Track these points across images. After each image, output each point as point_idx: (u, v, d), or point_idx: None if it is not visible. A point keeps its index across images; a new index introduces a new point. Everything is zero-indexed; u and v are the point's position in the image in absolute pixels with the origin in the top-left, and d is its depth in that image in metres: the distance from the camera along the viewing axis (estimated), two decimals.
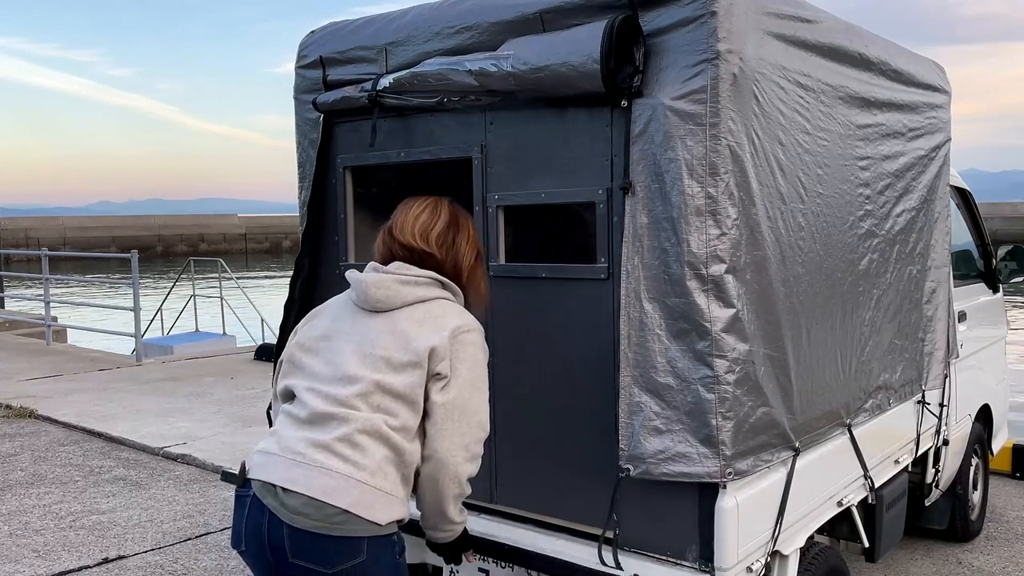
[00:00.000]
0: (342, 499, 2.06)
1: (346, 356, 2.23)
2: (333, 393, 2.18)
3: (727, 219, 2.36)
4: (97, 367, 10.56)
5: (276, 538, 2.09)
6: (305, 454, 2.12)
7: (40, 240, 41.35)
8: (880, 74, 3.23)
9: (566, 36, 2.48)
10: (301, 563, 2.07)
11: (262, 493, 2.13)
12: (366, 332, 2.25)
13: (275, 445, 2.19)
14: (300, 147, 3.34)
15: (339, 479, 2.08)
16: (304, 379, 2.27)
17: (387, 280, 2.28)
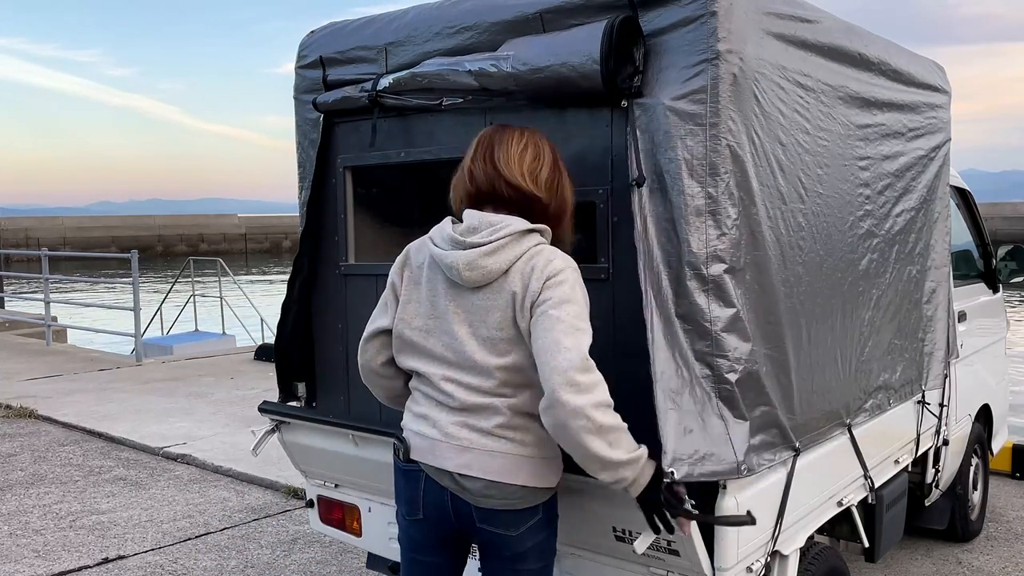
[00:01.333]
0: (518, 476, 2.25)
1: (464, 340, 2.27)
2: (475, 384, 2.26)
3: (727, 219, 2.36)
4: (97, 367, 10.56)
5: (462, 510, 2.30)
6: (471, 440, 2.26)
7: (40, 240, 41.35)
8: (880, 74, 3.23)
9: (566, 36, 2.48)
10: (488, 528, 2.30)
11: (437, 476, 2.31)
12: (475, 313, 2.26)
13: (434, 430, 2.31)
14: (300, 147, 3.34)
15: (511, 459, 2.25)
16: (433, 366, 2.33)
17: (476, 259, 2.22)
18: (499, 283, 2.24)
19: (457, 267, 2.24)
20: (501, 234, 2.23)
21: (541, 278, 2.19)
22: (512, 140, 2.32)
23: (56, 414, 8.04)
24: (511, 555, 2.32)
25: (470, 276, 2.23)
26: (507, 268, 2.23)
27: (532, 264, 2.22)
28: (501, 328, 2.23)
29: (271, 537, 5.07)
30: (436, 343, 2.32)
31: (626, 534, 2.52)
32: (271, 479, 6.04)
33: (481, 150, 2.33)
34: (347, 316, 3.26)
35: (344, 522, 3.39)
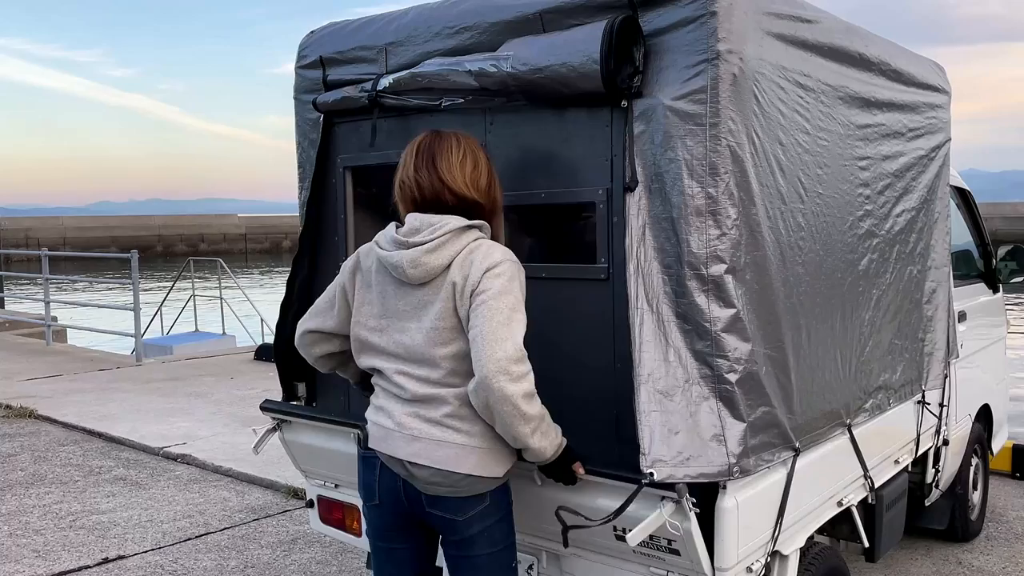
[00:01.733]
0: (463, 465, 2.36)
1: (412, 334, 2.41)
2: (424, 375, 2.39)
3: (727, 219, 2.36)
4: (97, 367, 10.56)
5: (412, 495, 2.44)
6: (421, 430, 2.39)
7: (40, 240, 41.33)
8: (880, 74, 3.23)
9: (566, 36, 2.48)
10: (436, 512, 2.42)
11: (390, 463, 2.45)
12: (421, 306, 2.40)
13: (389, 420, 2.45)
14: (300, 147, 3.34)
15: (457, 449, 2.36)
16: (387, 361, 2.47)
17: (419, 257, 2.35)
18: (441, 277, 2.37)
19: (401, 265, 2.37)
20: (441, 232, 2.36)
21: (480, 268, 2.32)
22: (452, 149, 2.43)
23: (56, 414, 8.04)
24: (459, 540, 2.45)
25: (414, 273, 2.36)
26: (448, 263, 2.36)
27: (472, 258, 2.35)
28: (442, 318, 2.35)
29: (271, 537, 5.07)
30: (388, 340, 2.46)
31: (626, 533, 2.52)
32: (271, 479, 6.04)
33: (423, 159, 2.43)
34: None
35: (344, 522, 3.39)
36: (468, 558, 2.46)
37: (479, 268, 2.31)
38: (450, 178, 2.40)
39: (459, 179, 2.40)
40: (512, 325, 2.27)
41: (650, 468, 2.29)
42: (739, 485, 2.45)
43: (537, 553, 2.85)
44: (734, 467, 2.35)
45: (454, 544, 2.48)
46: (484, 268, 2.31)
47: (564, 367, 2.68)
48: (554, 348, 2.70)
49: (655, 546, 2.46)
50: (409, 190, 2.44)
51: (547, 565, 2.85)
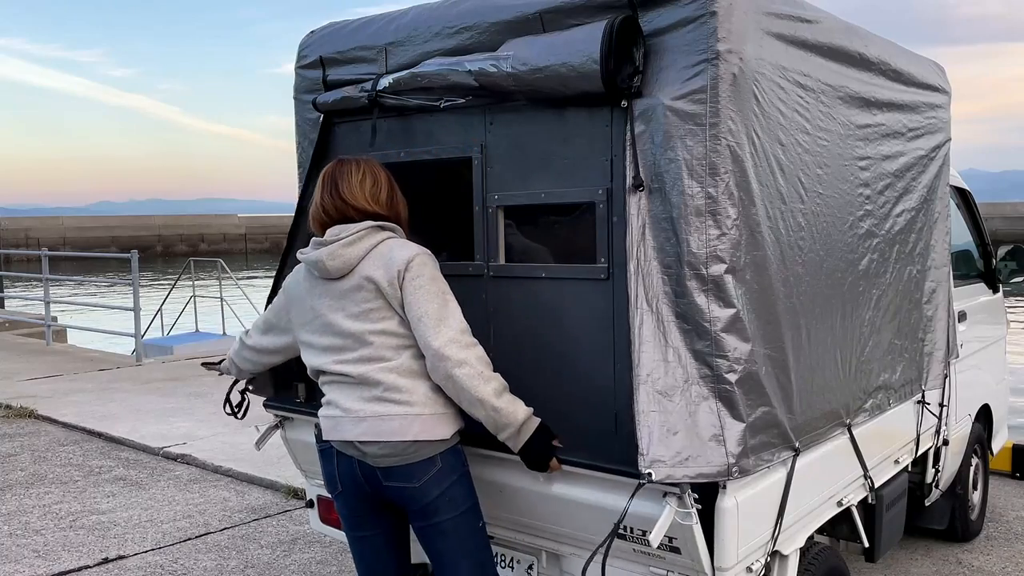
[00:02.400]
0: (408, 433, 2.52)
1: (339, 322, 2.60)
2: (358, 356, 2.56)
3: (727, 219, 2.36)
4: (97, 367, 10.56)
5: (368, 473, 2.59)
6: (364, 409, 2.55)
7: (40, 240, 41.33)
8: (880, 74, 3.23)
9: (566, 36, 2.48)
10: (393, 484, 2.57)
11: (343, 447, 2.61)
12: (343, 296, 2.60)
13: (337, 410, 2.61)
14: (300, 147, 3.34)
15: (399, 420, 2.52)
16: (325, 356, 2.64)
17: (336, 250, 2.57)
18: (359, 269, 2.57)
19: (321, 259, 2.58)
20: (356, 229, 2.60)
21: (402, 258, 2.54)
22: (351, 172, 2.67)
23: (56, 414, 8.04)
24: (420, 509, 2.58)
25: (332, 265, 2.57)
26: (363, 256, 2.58)
27: (388, 250, 2.58)
28: (367, 301, 2.55)
29: (271, 537, 5.07)
30: (322, 338, 2.64)
31: (628, 531, 2.52)
32: (271, 479, 6.04)
33: (327, 186, 2.67)
34: None
35: None
36: (434, 525, 2.58)
37: (400, 258, 2.54)
38: (350, 196, 2.63)
39: (359, 196, 2.64)
40: (449, 306, 2.54)
41: (648, 468, 2.29)
42: (739, 485, 2.45)
43: (537, 553, 2.86)
44: (733, 467, 2.35)
45: (418, 515, 2.60)
46: (405, 259, 2.54)
47: (564, 367, 2.68)
48: (554, 348, 2.70)
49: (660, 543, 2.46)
50: (319, 216, 2.68)
51: (547, 565, 2.85)
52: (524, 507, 2.78)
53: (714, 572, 2.44)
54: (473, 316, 2.88)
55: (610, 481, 2.52)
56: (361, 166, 2.69)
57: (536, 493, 2.71)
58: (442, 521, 2.58)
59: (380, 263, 2.56)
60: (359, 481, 2.62)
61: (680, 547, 2.42)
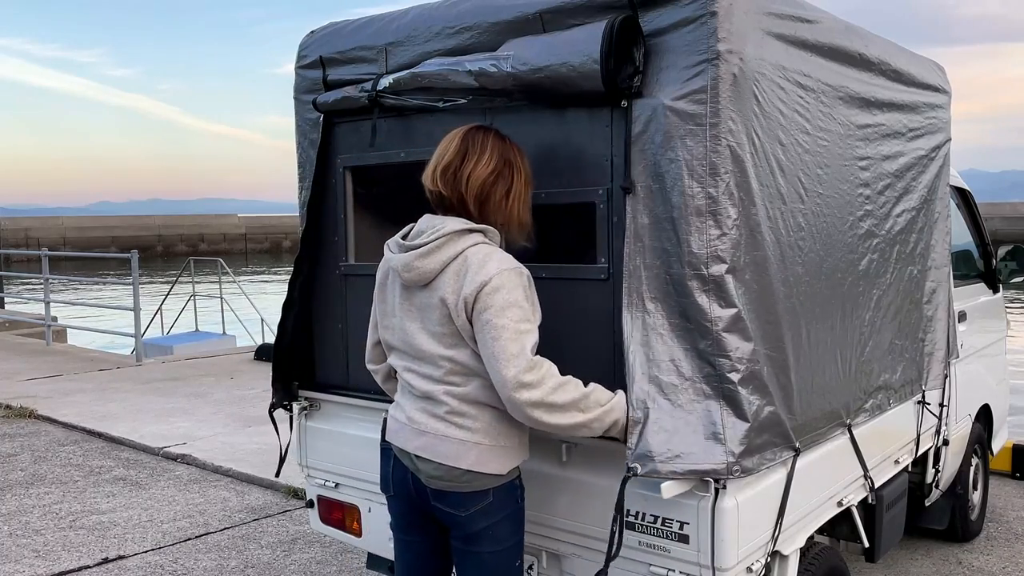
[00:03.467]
0: (464, 461, 2.40)
1: (415, 334, 2.47)
2: (428, 373, 2.45)
3: (727, 219, 2.36)
4: (97, 367, 10.56)
5: (420, 488, 2.51)
6: (427, 424, 2.45)
7: (40, 240, 41.34)
8: (880, 74, 3.23)
9: (566, 36, 2.47)
10: (440, 507, 2.48)
11: (401, 455, 2.54)
12: (421, 309, 2.45)
13: (402, 415, 2.54)
14: (300, 147, 3.35)
15: (458, 445, 2.41)
16: (399, 359, 2.55)
17: (411, 262, 2.40)
18: (436, 282, 2.40)
19: (399, 268, 2.45)
20: (436, 235, 2.39)
21: (475, 282, 2.31)
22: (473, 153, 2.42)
23: (56, 414, 8.04)
24: (463, 535, 2.49)
25: (408, 277, 2.43)
26: (441, 268, 2.38)
27: (466, 266, 2.36)
28: (442, 324, 2.41)
29: (271, 537, 5.07)
30: (398, 339, 2.54)
31: (638, 517, 2.52)
32: (271, 479, 6.04)
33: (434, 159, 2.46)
34: (347, 316, 3.26)
35: (344, 522, 3.39)
36: (473, 554, 2.49)
37: (472, 281, 2.32)
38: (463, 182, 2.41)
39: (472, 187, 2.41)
40: (520, 338, 2.29)
41: (635, 463, 2.31)
42: (739, 485, 2.45)
43: (537, 553, 2.86)
44: (734, 466, 2.35)
45: (459, 539, 2.52)
46: (479, 283, 2.30)
47: (564, 367, 2.68)
48: (554, 348, 2.70)
49: (664, 534, 2.47)
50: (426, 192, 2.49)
51: (547, 565, 2.85)
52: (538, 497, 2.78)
53: (714, 572, 2.44)
54: None
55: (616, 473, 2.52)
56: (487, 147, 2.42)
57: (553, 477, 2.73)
58: (481, 552, 2.48)
59: (455, 283, 2.35)
60: (410, 491, 2.55)
61: (690, 534, 2.42)
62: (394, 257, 2.46)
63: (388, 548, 3.25)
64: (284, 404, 3.39)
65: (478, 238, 2.41)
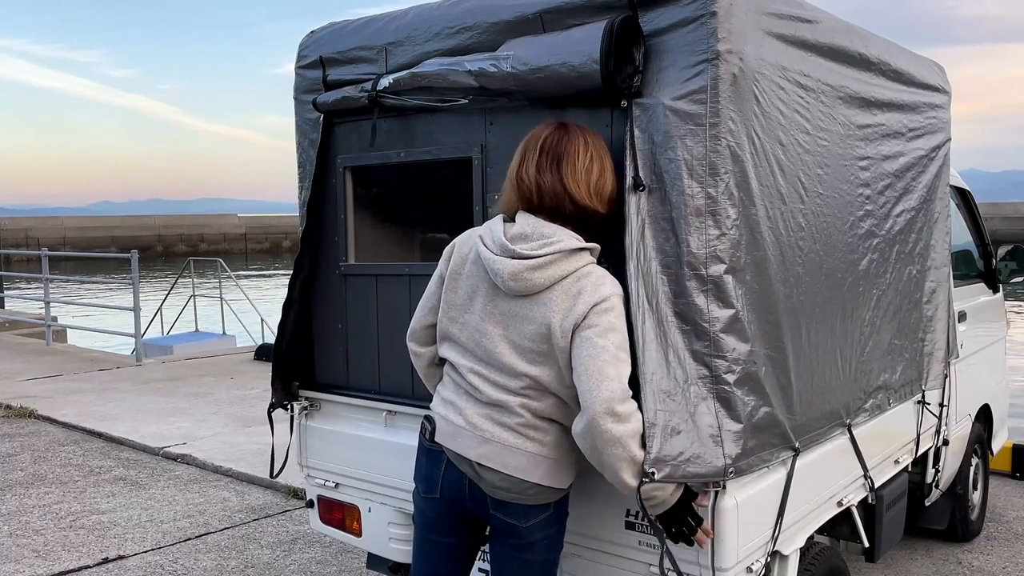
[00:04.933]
0: (534, 475, 2.35)
1: (496, 341, 2.35)
2: (502, 383, 2.35)
3: (727, 219, 2.35)
4: (97, 367, 10.56)
5: (478, 496, 2.40)
6: (493, 433, 2.36)
7: (40, 240, 41.34)
8: (880, 74, 3.23)
9: (566, 36, 2.47)
10: (500, 516, 2.40)
11: (458, 461, 2.41)
12: (511, 319, 2.34)
13: (460, 418, 2.41)
14: (300, 147, 3.35)
15: (529, 457, 2.35)
16: (463, 357, 2.42)
17: (522, 272, 2.27)
18: (541, 296, 2.29)
19: (503, 275, 2.30)
20: (551, 250, 2.27)
21: (589, 302, 2.24)
22: (579, 153, 2.32)
23: (56, 414, 8.04)
24: (519, 544, 2.42)
25: (514, 286, 2.30)
26: (551, 285, 2.28)
27: (580, 287, 2.27)
28: (534, 340, 2.31)
29: (271, 537, 5.08)
30: (468, 337, 2.41)
31: (639, 517, 2.52)
32: (271, 479, 6.04)
33: (548, 160, 2.32)
34: (347, 316, 3.26)
35: (344, 522, 3.39)
36: (522, 560, 2.44)
37: (587, 302, 2.25)
38: (574, 187, 2.31)
39: (583, 188, 2.31)
40: (619, 365, 2.22)
41: (652, 467, 2.29)
42: (739, 485, 2.45)
43: None
44: (730, 468, 2.34)
45: (511, 546, 2.44)
46: (592, 303, 2.24)
47: None
48: None
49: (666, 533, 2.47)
50: (527, 190, 2.35)
51: None
52: None
53: (714, 572, 2.44)
54: None
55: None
56: (589, 147, 2.34)
57: None
58: (531, 560, 2.44)
59: (563, 304, 2.26)
60: (463, 498, 2.44)
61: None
62: (497, 259, 2.31)
63: (388, 548, 3.25)
64: (283, 404, 3.39)
65: (589, 258, 2.34)
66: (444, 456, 2.44)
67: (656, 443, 2.30)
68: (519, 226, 2.33)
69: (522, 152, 2.39)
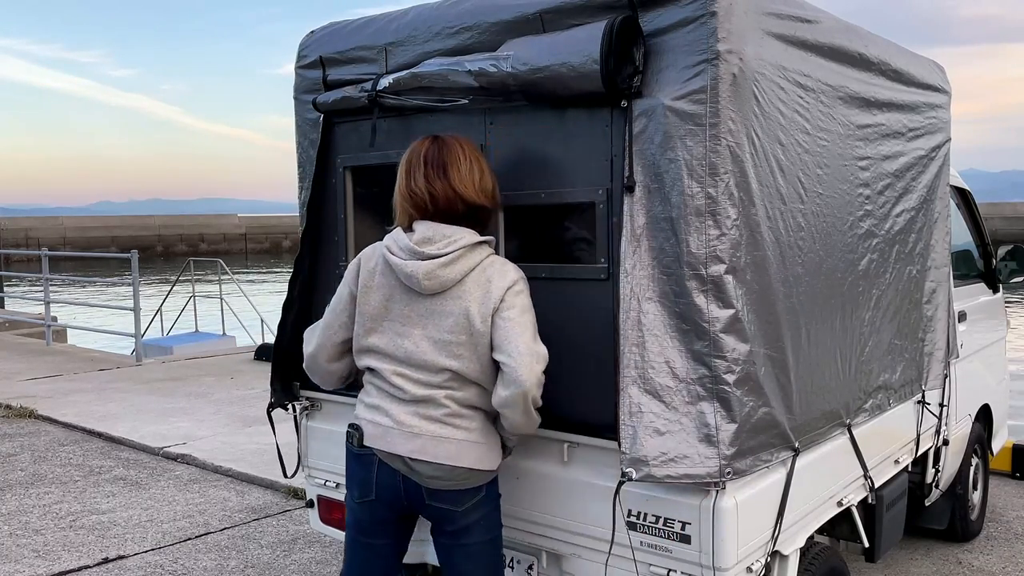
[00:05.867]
0: (464, 460, 2.51)
1: (416, 341, 2.51)
2: (425, 380, 2.51)
3: (727, 219, 2.36)
4: (97, 367, 10.56)
5: (412, 490, 2.55)
6: (422, 427, 2.51)
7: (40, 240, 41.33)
8: (880, 74, 3.23)
9: (566, 36, 2.48)
10: (436, 504, 2.55)
11: (389, 459, 2.55)
12: (429, 317, 2.51)
13: (387, 419, 2.54)
14: (300, 147, 3.35)
15: (457, 444, 2.51)
16: (385, 362, 2.56)
17: (434, 270, 2.46)
18: (454, 291, 2.48)
19: (416, 276, 2.46)
20: (456, 246, 2.47)
21: (502, 287, 2.47)
22: (460, 159, 2.53)
23: (56, 414, 8.04)
24: (456, 529, 2.58)
25: (429, 285, 2.47)
26: (461, 278, 2.47)
27: (488, 275, 2.49)
28: (454, 332, 2.47)
29: (271, 537, 5.08)
30: (387, 342, 2.55)
31: (640, 518, 2.53)
32: (271, 479, 6.04)
33: (435, 170, 2.52)
34: None
35: (344, 522, 3.39)
36: (463, 546, 2.60)
37: (499, 287, 2.46)
38: (463, 188, 2.50)
39: (471, 189, 2.51)
40: (538, 341, 2.47)
41: (629, 468, 2.31)
42: (738, 485, 2.45)
43: (537, 553, 2.86)
44: (727, 469, 2.35)
45: (450, 534, 2.59)
46: (505, 287, 2.46)
47: (565, 367, 2.68)
48: (554, 348, 2.70)
49: (665, 533, 2.47)
50: (421, 200, 2.51)
51: (547, 565, 2.85)
52: (538, 497, 2.78)
53: (714, 572, 2.44)
54: None
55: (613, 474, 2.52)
56: (467, 152, 2.55)
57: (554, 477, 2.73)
58: (472, 543, 2.60)
59: (478, 292, 2.46)
60: (399, 494, 2.58)
61: (692, 534, 2.42)
62: (408, 263, 2.47)
63: None
64: (283, 404, 3.39)
65: (489, 249, 2.55)
66: (375, 458, 2.57)
67: (636, 443, 2.31)
68: (420, 232, 2.50)
69: (406, 168, 2.56)
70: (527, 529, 2.84)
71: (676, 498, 2.46)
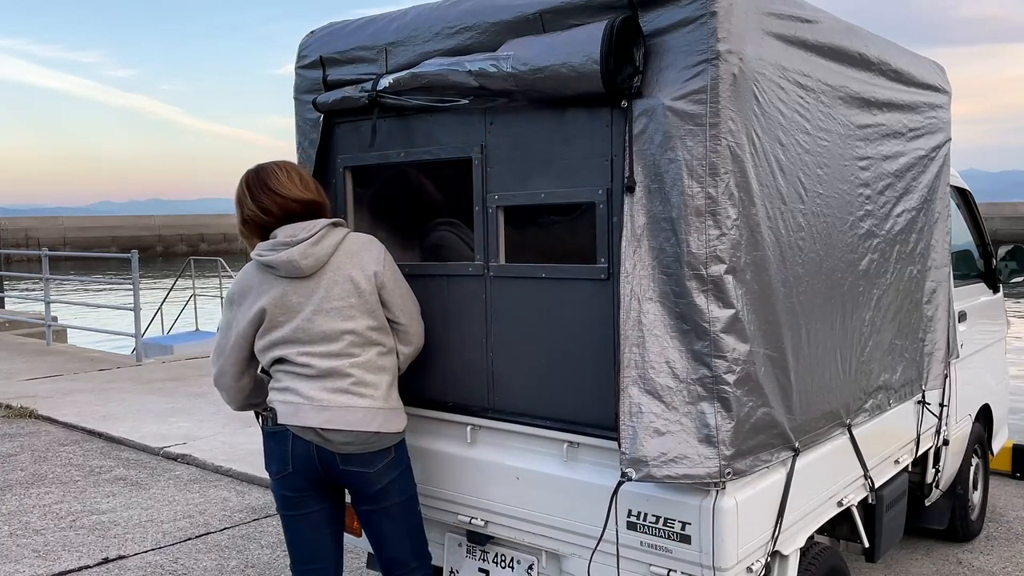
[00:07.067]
0: (372, 424, 2.73)
1: (311, 317, 2.72)
2: (327, 351, 2.72)
3: (727, 219, 2.36)
4: (97, 367, 10.56)
5: (326, 458, 2.74)
6: (330, 400, 2.71)
7: (40, 240, 41.32)
8: (880, 74, 3.23)
9: (566, 37, 2.48)
10: (350, 469, 2.75)
11: (302, 432, 2.73)
12: (315, 292, 2.72)
13: (297, 397, 2.73)
14: (300, 147, 3.34)
15: (364, 411, 2.73)
16: (290, 347, 2.74)
17: (306, 249, 2.69)
18: (331, 263, 2.73)
19: (293, 259, 2.68)
20: (317, 228, 2.73)
21: (373, 257, 2.77)
22: (275, 171, 2.79)
23: (56, 414, 8.04)
24: (372, 493, 2.79)
25: (306, 264, 2.69)
26: (332, 252, 2.73)
27: (355, 246, 2.78)
28: (343, 297, 2.72)
29: (271, 537, 5.08)
30: (289, 329, 2.74)
31: (640, 518, 2.53)
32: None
33: (259, 190, 2.77)
34: None
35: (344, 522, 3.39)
36: (383, 508, 2.82)
37: (371, 250, 2.78)
38: (287, 191, 2.75)
39: (295, 188, 2.77)
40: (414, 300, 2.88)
41: (628, 468, 2.31)
42: (739, 485, 2.45)
43: (537, 553, 2.86)
44: (727, 468, 2.35)
45: (369, 498, 2.80)
46: (376, 257, 2.78)
47: (565, 367, 2.68)
48: (555, 348, 2.70)
49: (665, 533, 2.47)
50: (259, 219, 2.77)
51: (547, 565, 2.85)
52: (538, 497, 2.78)
53: (714, 572, 2.44)
54: (473, 316, 2.89)
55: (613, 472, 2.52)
56: (281, 165, 2.83)
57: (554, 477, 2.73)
58: (390, 504, 2.82)
59: (352, 261, 2.74)
60: (314, 464, 2.75)
61: (692, 534, 2.43)
62: (281, 252, 2.68)
63: None
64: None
65: (347, 227, 2.84)
66: (289, 434, 2.74)
67: (635, 444, 2.31)
68: (282, 233, 2.74)
69: (238, 205, 2.82)
70: (527, 529, 2.84)
71: (676, 498, 2.47)
